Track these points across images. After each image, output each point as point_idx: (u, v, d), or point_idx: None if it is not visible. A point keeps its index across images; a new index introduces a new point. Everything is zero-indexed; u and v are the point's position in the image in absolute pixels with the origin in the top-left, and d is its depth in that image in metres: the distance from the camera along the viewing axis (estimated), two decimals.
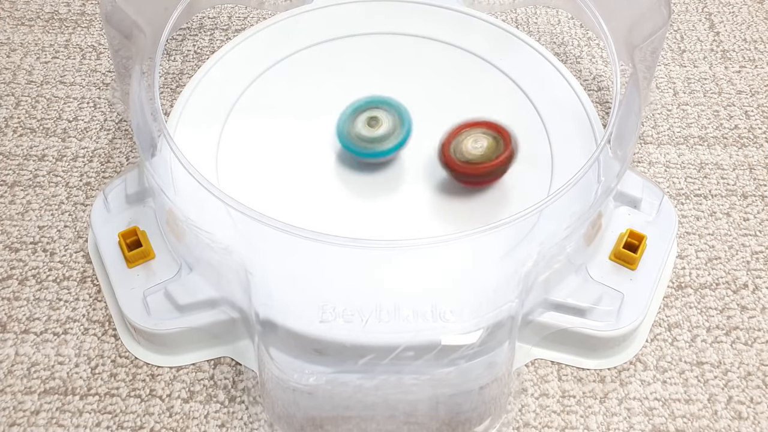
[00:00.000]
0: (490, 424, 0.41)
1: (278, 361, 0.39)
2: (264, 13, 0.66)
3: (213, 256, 0.42)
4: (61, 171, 0.54)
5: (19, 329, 0.46)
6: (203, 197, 0.41)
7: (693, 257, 0.50)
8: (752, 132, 0.57)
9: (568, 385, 0.44)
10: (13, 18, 0.66)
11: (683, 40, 0.64)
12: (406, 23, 0.57)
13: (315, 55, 0.55)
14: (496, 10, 0.65)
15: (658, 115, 0.58)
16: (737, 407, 0.43)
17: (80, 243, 0.50)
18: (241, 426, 0.42)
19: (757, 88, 0.60)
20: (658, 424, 0.42)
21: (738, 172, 0.54)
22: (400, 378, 0.39)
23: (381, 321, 0.40)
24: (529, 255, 0.41)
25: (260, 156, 0.49)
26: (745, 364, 0.45)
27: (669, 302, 0.47)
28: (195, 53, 0.62)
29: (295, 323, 0.39)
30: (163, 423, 0.42)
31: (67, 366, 0.44)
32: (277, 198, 0.46)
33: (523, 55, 0.55)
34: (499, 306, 0.40)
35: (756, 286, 0.48)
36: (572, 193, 0.42)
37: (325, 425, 0.41)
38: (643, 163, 0.55)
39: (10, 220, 0.51)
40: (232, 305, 0.43)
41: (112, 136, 0.56)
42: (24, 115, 0.57)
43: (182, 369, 0.44)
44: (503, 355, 0.39)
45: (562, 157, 0.49)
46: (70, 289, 0.47)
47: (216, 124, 0.50)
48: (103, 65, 0.61)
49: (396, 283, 0.42)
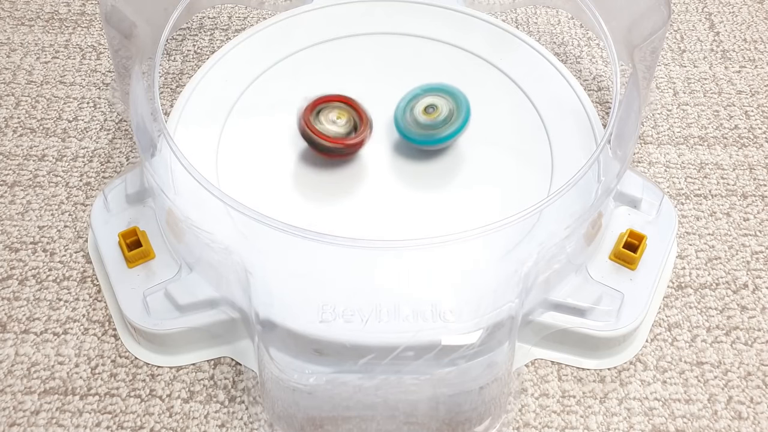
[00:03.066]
0: (490, 424, 0.41)
1: (278, 361, 0.39)
2: (264, 13, 0.66)
3: (213, 256, 0.42)
4: (61, 171, 0.54)
5: (19, 329, 0.46)
6: (203, 197, 0.41)
7: (693, 257, 0.50)
8: (752, 132, 0.57)
9: (568, 385, 0.44)
10: (13, 18, 0.66)
11: (683, 40, 0.64)
12: (406, 23, 0.57)
13: (315, 55, 0.55)
14: (496, 10, 0.65)
15: (658, 115, 0.58)
16: (737, 407, 0.43)
17: (80, 243, 0.50)
18: (241, 426, 0.42)
19: (757, 88, 0.60)
20: (658, 424, 0.42)
21: (738, 172, 0.54)
22: (400, 378, 0.39)
23: (381, 321, 0.40)
24: (529, 255, 0.41)
25: (260, 156, 0.49)
26: (745, 364, 0.45)
27: (669, 302, 0.47)
28: (195, 53, 0.62)
29: (295, 323, 0.39)
30: (163, 423, 0.42)
31: (67, 366, 0.44)
32: (277, 198, 0.46)
33: (523, 55, 0.55)
34: (499, 306, 0.40)
35: (756, 286, 0.48)
36: (572, 193, 0.42)
37: (325, 425, 0.41)
38: (643, 163, 0.55)
39: (10, 220, 0.51)
40: (232, 305, 0.43)
41: (112, 136, 0.56)
42: (24, 115, 0.57)
43: (182, 369, 0.44)
44: (503, 355, 0.39)
45: (562, 157, 0.49)
46: (70, 289, 0.47)
47: (216, 124, 0.50)
48: (103, 65, 0.61)
49: (396, 283, 0.42)
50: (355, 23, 0.57)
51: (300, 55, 0.55)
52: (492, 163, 0.49)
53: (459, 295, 0.41)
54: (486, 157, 0.49)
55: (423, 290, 0.41)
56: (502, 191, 0.47)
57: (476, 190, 0.47)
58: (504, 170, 0.48)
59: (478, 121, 0.51)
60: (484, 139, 0.50)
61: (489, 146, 0.50)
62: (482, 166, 0.49)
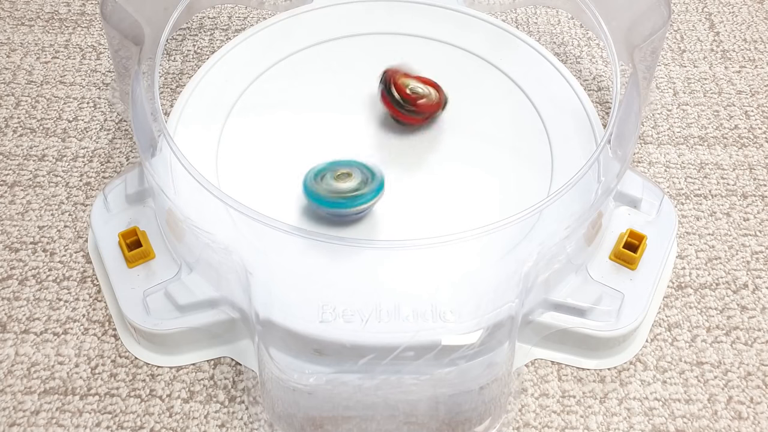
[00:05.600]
0: (490, 424, 0.41)
1: (278, 361, 0.39)
2: (264, 13, 0.66)
3: (213, 256, 0.42)
4: (61, 171, 0.54)
5: (19, 329, 0.46)
6: (203, 197, 0.41)
7: (693, 257, 0.50)
8: (752, 132, 0.57)
9: (568, 385, 0.44)
10: (13, 18, 0.66)
11: (683, 40, 0.64)
12: (406, 23, 0.57)
13: (315, 55, 0.55)
14: (496, 10, 0.65)
15: (658, 115, 0.58)
16: (737, 407, 0.43)
17: (80, 243, 0.50)
18: (241, 426, 0.42)
19: (757, 88, 0.60)
20: (658, 424, 0.42)
21: (738, 172, 0.54)
22: (400, 378, 0.39)
23: (381, 321, 0.40)
24: (529, 255, 0.41)
25: (260, 156, 0.49)
26: (745, 364, 0.45)
27: (669, 302, 0.47)
28: (195, 53, 0.62)
29: (295, 323, 0.39)
30: (163, 423, 0.42)
31: (67, 366, 0.44)
32: (277, 198, 0.46)
33: (523, 55, 0.55)
34: (499, 306, 0.40)
35: (756, 286, 0.48)
36: (572, 193, 0.42)
37: (325, 425, 0.41)
38: (643, 163, 0.55)
39: (10, 220, 0.51)
40: (232, 305, 0.43)
41: (112, 136, 0.56)
42: (24, 115, 0.57)
43: (182, 369, 0.44)
44: (503, 355, 0.39)
45: (562, 157, 0.49)
46: (70, 289, 0.47)
47: (216, 124, 0.50)
48: (103, 65, 0.61)
49: (396, 283, 0.42)
50: (355, 23, 0.57)
51: (300, 55, 0.55)
52: (492, 163, 0.49)
53: (459, 295, 0.41)
54: (486, 157, 0.49)
55: (423, 290, 0.41)
56: (502, 191, 0.47)
57: (476, 190, 0.47)
58: (504, 170, 0.48)
59: (479, 121, 0.51)
60: (484, 139, 0.50)
61: (489, 146, 0.50)
62: (482, 166, 0.49)
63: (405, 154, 0.49)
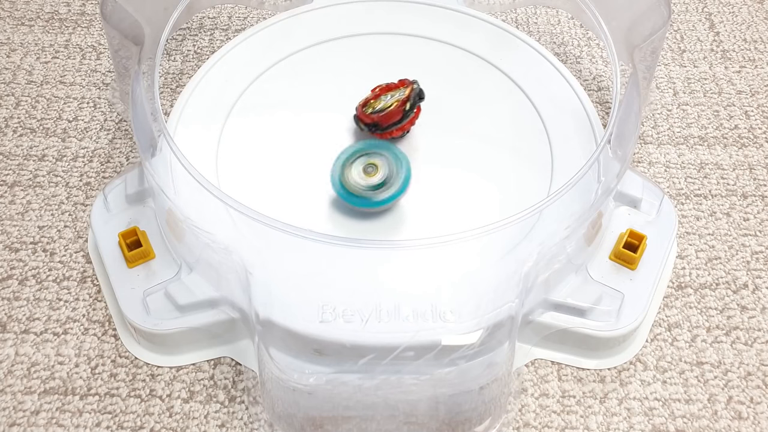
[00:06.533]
0: (490, 424, 0.41)
1: (278, 361, 0.39)
2: (264, 13, 0.66)
3: (213, 256, 0.42)
4: (61, 171, 0.54)
5: (19, 329, 0.46)
6: (203, 197, 0.41)
7: (693, 257, 0.50)
8: (752, 132, 0.57)
9: (568, 385, 0.44)
10: (13, 18, 0.66)
11: (683, 40, 0.64)
12: (406, 23, 0.57)
13: (315, 55, 0.55)
14: (496, 10, 0.65)
15: (658, 115, 0.58)
16: (737, 407, 0.43)
17: (80, 243, 0.50)
18: (241, 426, 0.42)
19: (757, 88, 0.60)
20: (658, 424, 0.42)
21: (738, 172, 0.54)
22: (400, 378, 0.39)
23: (381, 321, 0.40)
24: (529, 255, 0.41)
25: (260, 156, 0.49)
26: (745, 364, 0.45)
27: (669, 302, 0.47)
28: (195, 53, 0.62)
29: (295, 323, 0.39)
30: (163, 423, 0.42)
31: (67, 366, 0.44)
32: (277, 198, 0.46)
33: (523, 55, 0.55)
34: (499, 306, 0.40)
35: (756, 286, 0.48)
36: (572, 193, 0.42)
37: (325, 425, 0.41)
38: (643, 163, 0.55)
39: (10, 220, 0.51)
40: (232, 305, 0.43)
41: (112, 136, 0.56)
42: (24, 115, 0.57)
43: (182, 369, 0.44)
44: (503, 355, 0.39)
45: (562, 157, 0.49)
46: (70, 289, 0.47)
47: (216, 124, 0.50)
48: (103, 65, 0.61)
49: (396, 283, 0.42)
50: (355, 23, 0.57)
51: (300, 55, 0.55)
52: (492, 163, 0.49)
53: (459, 295, 0.41)
54: (486, 157, 0.49)
55: (423, 290, 0.41)
56: (501, 191, 0.47)
57: (476, 190, 0.47)
58: (504, 170, 0.48)
59: (478, 121, 0.51)
60: (484, 139, 0.50)
61: (489, 146, 0.50)
62: (482, 166, 0.49)
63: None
